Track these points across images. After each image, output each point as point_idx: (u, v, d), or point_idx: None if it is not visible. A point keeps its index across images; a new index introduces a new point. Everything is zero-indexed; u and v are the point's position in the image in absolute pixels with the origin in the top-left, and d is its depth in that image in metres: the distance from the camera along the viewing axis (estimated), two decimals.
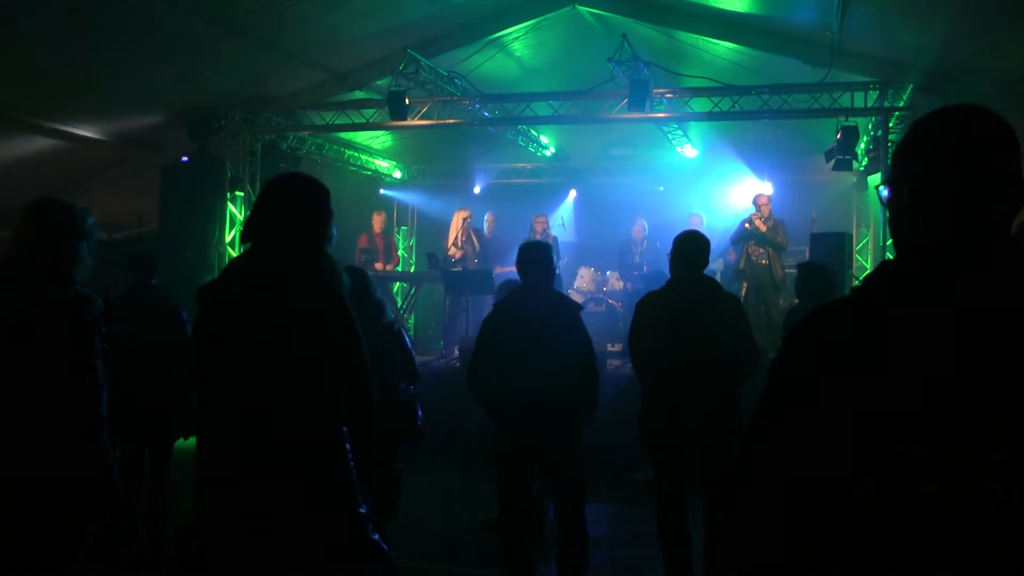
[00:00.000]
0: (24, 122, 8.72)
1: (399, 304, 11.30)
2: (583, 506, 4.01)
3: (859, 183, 11.11)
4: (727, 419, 3.94)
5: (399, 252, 12.54)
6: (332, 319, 2.21)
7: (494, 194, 12.87)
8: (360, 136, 11.64)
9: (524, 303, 4.02)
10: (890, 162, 1.38)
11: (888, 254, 8.17)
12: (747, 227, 9.22)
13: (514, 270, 4.18)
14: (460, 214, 10.36)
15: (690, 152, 11.21)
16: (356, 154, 12.18)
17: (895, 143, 4.04)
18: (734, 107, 8.68)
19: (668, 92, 8.85)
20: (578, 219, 12.70)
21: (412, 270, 13.30)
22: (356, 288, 3.33)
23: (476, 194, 12.95)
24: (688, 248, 4.14)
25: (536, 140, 11.64)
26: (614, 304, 10.13)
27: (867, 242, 11.44)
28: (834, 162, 9.12)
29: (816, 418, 1.18)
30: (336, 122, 9.85)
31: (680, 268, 4.14)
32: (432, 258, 9.85)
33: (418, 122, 9.40)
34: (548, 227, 10.30)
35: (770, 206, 9.35)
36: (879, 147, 8.69)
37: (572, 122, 9.87)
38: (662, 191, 12.42)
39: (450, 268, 9.71)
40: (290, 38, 8.25)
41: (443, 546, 5.31)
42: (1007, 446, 1.09)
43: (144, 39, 7.48)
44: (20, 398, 2.46)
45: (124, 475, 2.87)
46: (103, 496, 2.54)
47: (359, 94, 9.80)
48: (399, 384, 4.28)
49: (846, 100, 8.46)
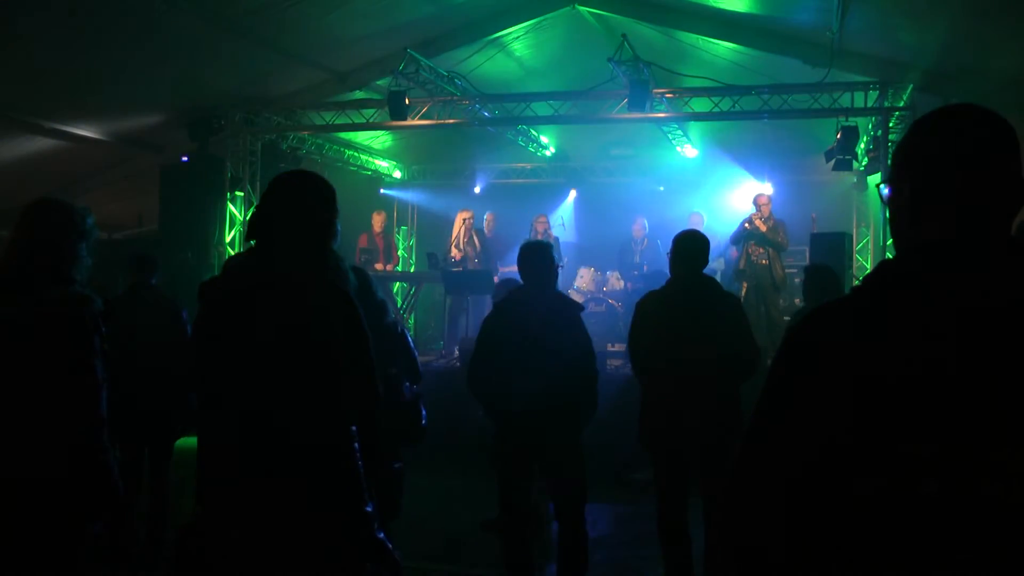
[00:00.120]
0: (24, 122, 8.72)
1: (399, 304, 11.30)
2: (583, 506, 4.01)
3: (859, 183, 11.11)
4: (727, 419, 3.94)
5: (399, 252, 12.54)
6: (340, 317, 2.20)
7: (494, 194, 12.87)
8: (360, 136, 11.64)
9: (525, 303, 4.01)
10: (890, 162, 1.38)
11: (888, 254, 8.17)
12: (747, 227, 9.22)
13: (515, 270, 4.18)
14: (461, 215, 10.41)
15: (690, 152, 11.21)
16: (356, 154, 12.18)
17: (895, 143, 4.04)
18: (734, 107, 8.68)
19: (668, 92, 8.85)
20: (578, 219, 12.69)
21: (412, 270, 13.30)
22: (361, 287, 3.33)
23: (476, 194, 12.94)
24: (688, 247, 4.13)
25: (536, 140, 11.63)
26: (614, 304, 10.13)
27: (867, 242, 11.44)
28: (834, 162, 9.12)
29: (816, 418, 1.17)
30: (336, 122, 9.85)
31: (680, 267, 4.13)
32: (432, 258, 9.85)
33: (418, 122, 9.40)
34: (549, 227, 10.31)
35: (770, 206, 9.35)
36: (879, 147, 8.68)
37: (572, 122, 9.86)
38: (662, 191, 12.43)
39: (450, 268, 9.72)
40: (290, 38, 8.25)
41: (443, 546, 5.31)
42: (1007, 446, 1.09)
43: (144, 39, 7.48)
44: (20, 398, 2.46)
45: (124, 475, 2.87)
46: (103, 496, 2.54)
47: (359, 94, 9.80)
48: (404, 383, 4.28)
49: (846, 100, 8.46)
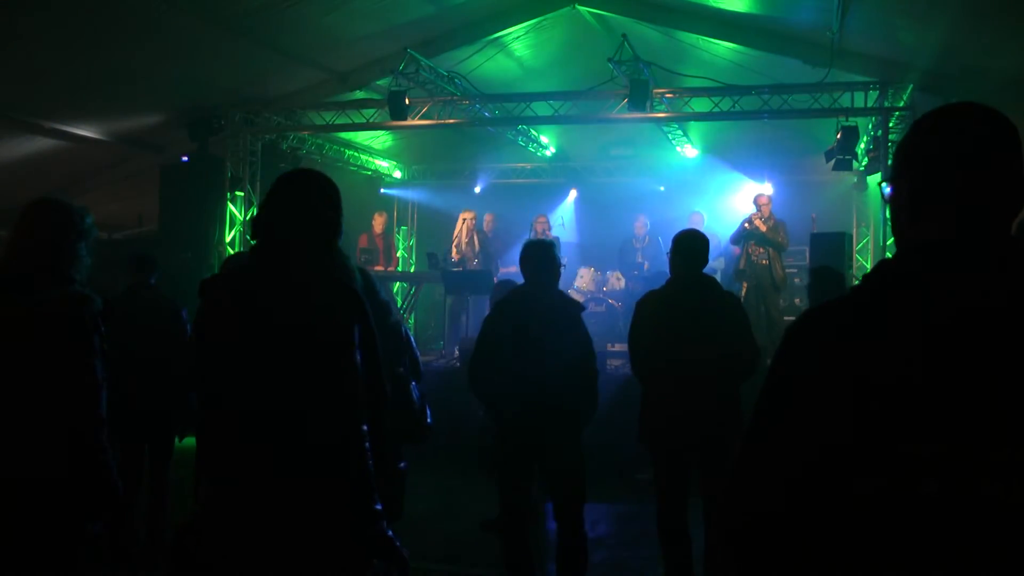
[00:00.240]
0: (24, 122, 8.73)
1: (399, 304, 11.31)
2: (583, 506, 4.00)
3: (859, 183, 11.11)
4: (727, 419, 3.94)
5: (398, 253, 12.54)
6: (349, 316, 2.20)
7: (494, 194, 12.87)
8: (360, 136, 11.64)
9: (526, 303, 4.01)
10: (891, 161, 1.38)
11: (888, 254, 8.16)
12: (747, 227, 9.22)
13: (514, 271, 4.18)
14: (462, 215, 10.45)
15: (690, 152, 11.21)
16: (356, 154, 12.18)
17: (895, 143, 4.04)
18: (734, 107, 8.68)
19: (668, 92, 8.86)
20: (578, 219, 12.70)
21: (412, 270, 13.30)
22: (365, 287, 3.33)
23: (476, 194, 12.95)
24: (688, 247, 4.13)
25: (536, 140, 11.63)
26: (614, 304, 10.13)
27: (867, 242, 11.44)
28: (834, 162, 9.12)
29: (816, 417, 1.17)
30: (336, 122, 9.85)
31: (680, 267, 4.13)
32: (432, 258, 9.86)
33: (418, 122, 9.39)
34: (549, 227, 10.31)
35: (771, 206, 9.35)
36: (879, 147, 8.68)
37: (572, 122, 9.86)
38: (662, 191, 12.43)
39: (450, 268, 9.72)
40: (290, 38, 8.25)
41: (443, 546, 5.30)
42: (1007, 446, 1.08)
43: (144, 39, 7.49)
44: (19, 398, 2.46)
45: (124, 475, 2.87)
46: (102, 496, 2.53)
47: (359, 94, 9.79)
48: (411, 383, 4.28)
49: (846, 100, 8.47)
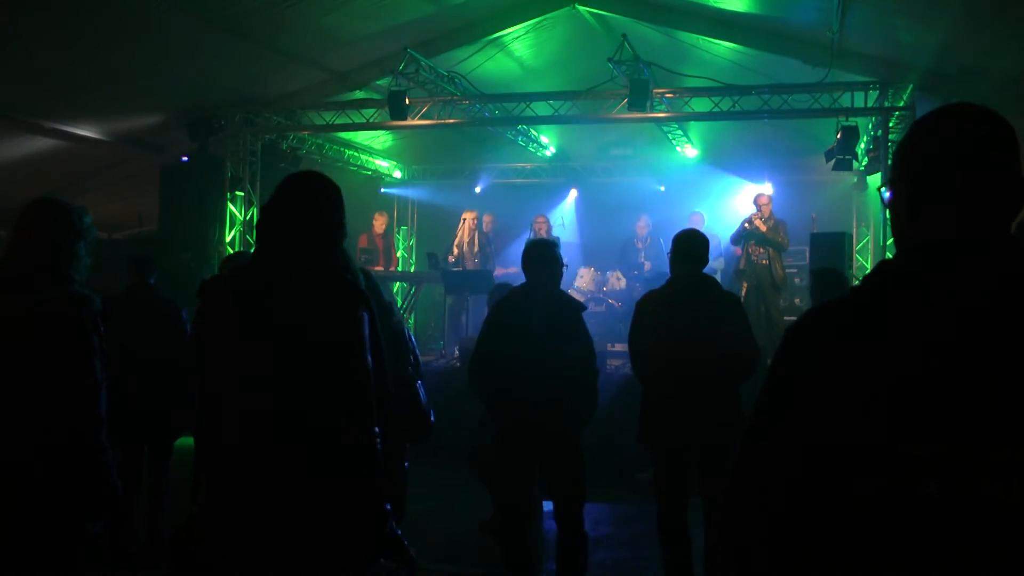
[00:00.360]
0: (24, 122, 8.73)
1: (399, 304, 11.31)
2: (582, 506, 4.00)
3: (859, 183, 11.11)
4: (727, 419, 3.94)
5: (398, 253, 12.54)
6: (356, 315, 2.19)
7: (494, 194, 12.86)
8: (360, 136, 11.64)
9: (526, 302, 4.01)
10: (891, 162, 1.38)
11: (888, 254, 8.16)
12: (747, 227, 9.22)
13: (513, 271, 4.17)
14: (464, 215, 10.48)
15: (690, 152, 11.21)
16: (356, 154, 12.18)
17: (895, 143, 4.04)
18: (734, 107, 8.67)
19: (668, 92, 8.85)
20: (579, 219, 12.70)
21: (412, 270, 13.30)
22: (368, 288, 3.33)
23: (477, 194, 12.95)
24: (687, 246, 4.13)
25: (536, 140, 11.63)
26: (614, 304, 10.13)
27: (867, 242, 11.44)
28: (834, 162, 9.12)
29: (816, 417, 1.17)
30: (336, 122, 9.85)
31: (680, 267, 4.13)
32: (432, 258, 9.87)
33: (418, 122, 9.39)
34: (549, 227, 10.31)
35: (771, 206, 9.35)
36: (879, 147, 8.68)
37: (572, 122, 9.86)
38: (663, 191, 12.44)
39: (450, 268, 9.73)
40: (290, 38, 8.25)
41: (443, 546, 5.30)
42: (1007, 446, 1.08)
43: (144, 39, 7.49)
44: (19, 398, 2.46)
45: (123, 475, 2.87)
46: (102, 496, 2.53)
47: (359, 94, 9.79)
48: (417, 381, 4.27)
49: (846, 100, 8.46)
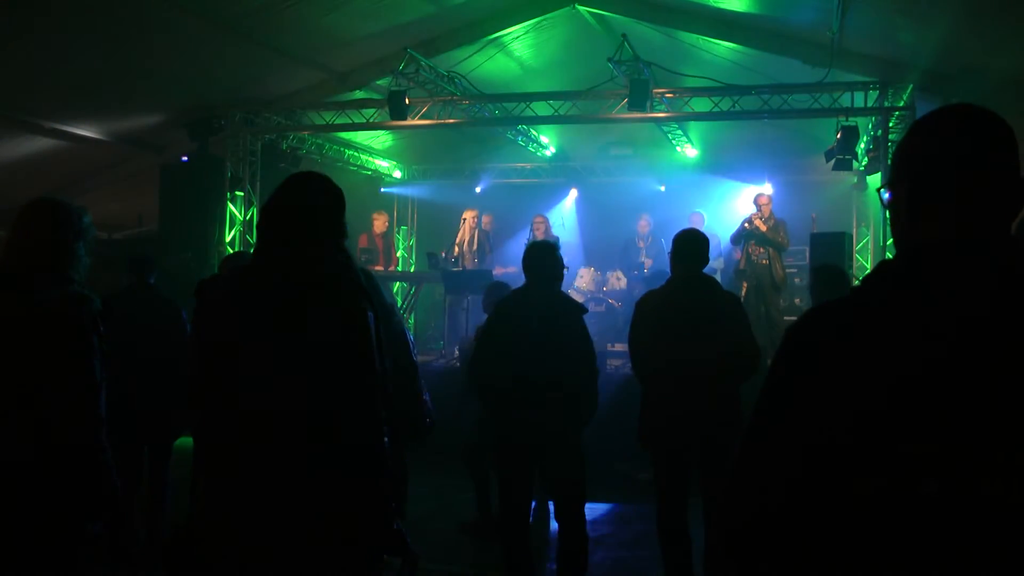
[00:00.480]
0: (24, 122, 8.73)
1: (399, 304, 11.31)
2: (583, 505, 4.01)
3: (859, 183, 11.11)
4: (727, 419, 3.93)
5: (398, 253, 12.53)
6: (360, 316, 2.19)
7: (494, 194, 12.86)
8: (360, 136, 11.63)
9: (527, 303, 4.01)
10: (891, 162, 1.38)
11: (888, 254, 8.16)
12: (747, 227, 9.22)
13: (514, 271, 4.18)
14: (464, 215, 10.48)
15: (690, 152, 11.21)
16: (356, 154, 12.18)
17: (895, 143, 4.04)
18: (734, 107, 8.67)
19: (668, 92, 8.84)
20: (579, 219, 12.70)
21: (412, 270, 13.30)
22: (370, 287, 3.33)
23: (477, 194, 12.95)
24: (688, 246, 4.13)
25: (536, 140, 11.63)
26: (614, 304, 10.13)
27: (867, 242, 11.44)
28: (834, 162, 9.11)
29: (816, 417, 1.17)
30: (336, 122, 9.84)
31: (680, 267, 4.13)
32: (432, 258, 9.86)
33: (418, 122, 9.39)
34: (549, 227, 10.30)
35: (771, 206, 9.35)
36: (879, 147, 8.68)
37: (572, 122, 9.85)
38: (663, 191, 12.44)
39: (450, 266, 9.73)
40: (290, 38, 8.26)
41: (443, 546, 5.30)
42: (1007, 446, 1.08)
43: (144, 39, 7.49)
44: (18, 398, 2.46)
45: (123, 475, 2.87)
46: (102, 496, 2.53)
47: (359, 94, 9.79)
48: (419, 381, 4.27)
49: (846, 100, 8.46)
